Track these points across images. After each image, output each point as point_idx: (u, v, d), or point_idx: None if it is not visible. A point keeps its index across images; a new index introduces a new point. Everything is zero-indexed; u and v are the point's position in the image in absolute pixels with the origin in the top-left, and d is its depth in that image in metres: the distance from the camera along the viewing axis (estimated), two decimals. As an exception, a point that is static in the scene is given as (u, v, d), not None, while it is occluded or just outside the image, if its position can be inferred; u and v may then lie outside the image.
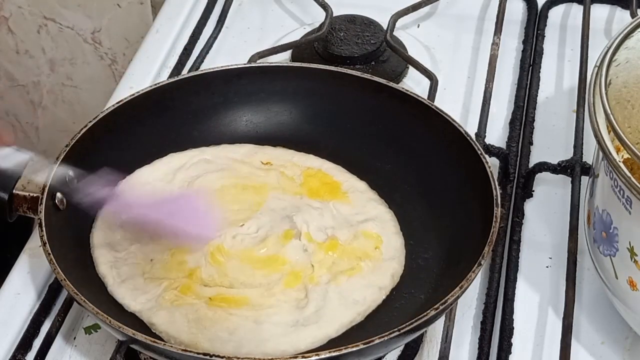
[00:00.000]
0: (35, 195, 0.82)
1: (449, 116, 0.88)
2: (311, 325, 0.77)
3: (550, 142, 0.99)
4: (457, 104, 1.04)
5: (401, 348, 0.82)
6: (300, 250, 0.83)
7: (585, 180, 0.86)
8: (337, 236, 0.84)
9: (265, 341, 0.76)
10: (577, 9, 1.15)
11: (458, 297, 0.75)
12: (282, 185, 0.89)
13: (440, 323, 0.79)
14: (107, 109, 0.90)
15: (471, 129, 0.92)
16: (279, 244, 0.84)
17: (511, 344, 0.82)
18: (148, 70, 1.10)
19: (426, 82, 1.01)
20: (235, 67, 0.95)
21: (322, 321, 0.78)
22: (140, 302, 0.80)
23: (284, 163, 0.91)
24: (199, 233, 0.83)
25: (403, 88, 0.93)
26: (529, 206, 0.93)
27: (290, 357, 0.71)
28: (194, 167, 0.90)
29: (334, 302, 0.79)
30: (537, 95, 1.04)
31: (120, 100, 0.91)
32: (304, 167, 0.91)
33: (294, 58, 1.09)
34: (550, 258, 0.89)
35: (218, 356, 0.70)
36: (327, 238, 0.84)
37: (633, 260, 0.73)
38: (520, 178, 0.94)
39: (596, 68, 0.76)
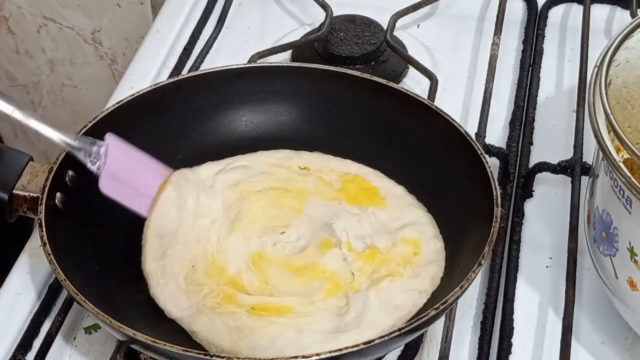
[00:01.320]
0: (35, 195, 0.82)
1: (449, 116, 0.88)
2: (352, 330, 0.77)
3: (550, 142, 0.99)
4: (457, 104, 1.04)
5: (401, 348, 0.82)
6: (340, 259, 0.83)
7: (585, 180, 0.86)
8: (376, 245, 0.84)
9: (306, 349, 0.75)
10: (577, 9, 1.15)
11: (458, 297, 0.75)
12: (320, 191, 0.89)
13: (440, 323, 0.79)
14: (107, 109, 0.90)
15: (471, 129, 0.92)
16: (319, 253, 0.83)
17: (511, 344, 0.82)
18: (148, 70, 1.10)
19: (426, 82, 1.01)
20: (235, 67, 0.95)
21: (363, 327, 0.77)
22: (182, 308, 0.79)
23: (321, 168, 0.91)
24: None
25: (403, 88, 0.92)
26: (529, 206, 0.93)
27: (291, 357, 0.71)
28: (232, 172, 0.90)
29: (374, 307, 0.79)
30: (537, 95, 1.04)
31: (120, 101, 0.91)
32: (341, 172, 0.90)
33: (294, 58, 1.09)
34: (550, 258, 0.89)
35: (218, 356, 0.70)
36: (366, 247, 0.84)
37: (633, 260, 0.73)
38: (520, 178, 0.94)
39: (596, 68, 0.76)
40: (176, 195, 0.86)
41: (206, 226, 0.86)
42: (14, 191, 0.83)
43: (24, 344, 0.83)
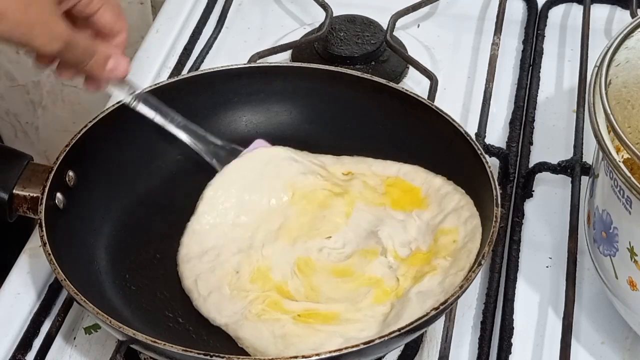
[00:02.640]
0: (35, 195, 0.82)
1: (449, 116, 0.88)
2: (392, 326, 0.76)
3: (550, 142, 0.99)
4: (457, 104, 1.04)
5: (401, 348, 0.82)
6: (385, 267, 0.82)
7: (585, 180, 0.86)
8: (420, 248, 0.83)
9: None
10: (577, 9, 1.15)
11: (458, 297, 0.75)
12: (365, 196, 0.88)
13: (440, 323, 0.79)
14: (107, 109, 0.90)
15: (471, 129, 0.92)
16: (364, 260, 0.83)
17: (511, 344, 0.82)
18: (148, 70, 1.10)
19: (426, 82, 1.01)
20: (235, 67, 0.95)
21: (402, 320, 0.76)
22: (226, 315, 0.79)
23: (364, 172, 0.90)
24: None
25: (403, 88, 0.92)
26: (529, 206, 0.93)
27: (291, 357, 0.71)
28: (284, 164, 0.89)
29: (413, 302, 0.78)
30: (537, 95, 1.04)
31: (121, 101, 0.90)
32: (383, 177, 0.89)
33: (294, 58, 1.09)
34: (550, 258, 0.89)
35: (218, 356, 0.70)
36: (410, 252, 0.83)
37: (633, 260, 0.73)
38: (520, 178, 0.94)
39: (596, 68, 0.76)
40: (220, 194, 0.87)
41: (251, 230, 0.86)
42: (14, 191, 0.83)
43: (24, 344, 0.83)
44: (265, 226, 0.86)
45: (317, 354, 0.70)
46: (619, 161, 0.70)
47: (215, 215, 0.87)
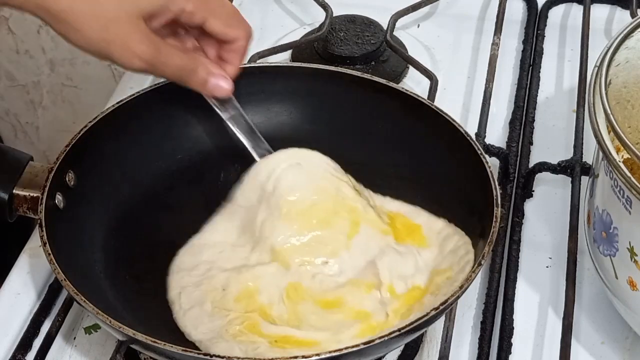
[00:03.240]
0: (35, 195, 0.82)
1: (449, 116, 0.88)
2: None
3: (550, 142, 0.99)
4: (457, 104, 1.04)
5: (401, 348, 0.82)
6: (377, 302, 0.80)
7: (585, 180, 0.86)
8: (417, 285, 0.81)
9: None
10: (577, 9, 1.15)
11: (458, 297, 0.75)
12: (371, 219, 0.85)
13: (440, 323, 0.79)
14: (107, 109, 0.90)
15: (471, 129, 0.92)
16: (357, 292, 0.80)
17: (511, 344, 0.82)
18: (148, 70, 1.10)
19: (426, 82, 1.01)
20: (235, 67, 0.95)
21: None
22: (202, 331, 0.78)
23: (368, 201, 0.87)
24: None
25: (403, 88, 0.92)
26: (529, 206, 0.93)
27: (291, 357, 0.71)
28: (284, 173, 0.86)
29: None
30: (537, 95, 1.04)
31: (120, 101, 0.91)
32: (385, 210, 0.87)
33: (294, 58, 1.09)
34: (550, 258, 0.89)
35: (218, 356, 0.70)
36: (407, 289, 0.81)
37: (633, 260, 0.73)
38: (520, 178, 0.94)
39: (596, 68, 0.76)
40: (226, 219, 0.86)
41: (248, 249, 0.84)
42: (14, 191, 0.83)
43: (24, 344, 0.83)
44: (262, 245, 0.84)
45: (317, 354, 0.70)
46: (619, 161, 0.70)
47: (218, 236, 0.86)
